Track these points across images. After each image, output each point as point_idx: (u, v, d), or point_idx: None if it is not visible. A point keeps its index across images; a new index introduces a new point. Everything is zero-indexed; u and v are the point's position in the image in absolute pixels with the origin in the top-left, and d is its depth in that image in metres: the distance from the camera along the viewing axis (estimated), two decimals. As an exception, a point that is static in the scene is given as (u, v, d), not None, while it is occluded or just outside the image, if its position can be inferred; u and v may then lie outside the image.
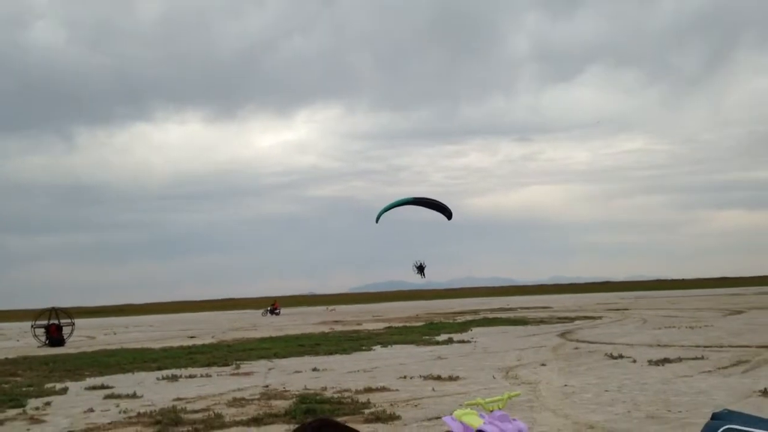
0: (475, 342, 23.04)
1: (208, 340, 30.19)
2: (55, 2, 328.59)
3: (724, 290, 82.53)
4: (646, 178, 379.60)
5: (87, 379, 16.88)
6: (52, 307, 36.23)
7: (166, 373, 17.31)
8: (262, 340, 27.90)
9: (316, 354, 21.01)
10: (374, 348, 22.46)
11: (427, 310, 59.36)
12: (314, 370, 16.81)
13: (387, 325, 36.45)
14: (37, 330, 33.96)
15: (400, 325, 35.81)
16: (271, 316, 61.69)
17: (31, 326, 35.52)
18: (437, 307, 65.33)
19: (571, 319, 33.97)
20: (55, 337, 32.53)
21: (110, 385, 15.25)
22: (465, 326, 31.88)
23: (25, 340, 37.92)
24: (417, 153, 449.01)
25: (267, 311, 64.62)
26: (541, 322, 33.21)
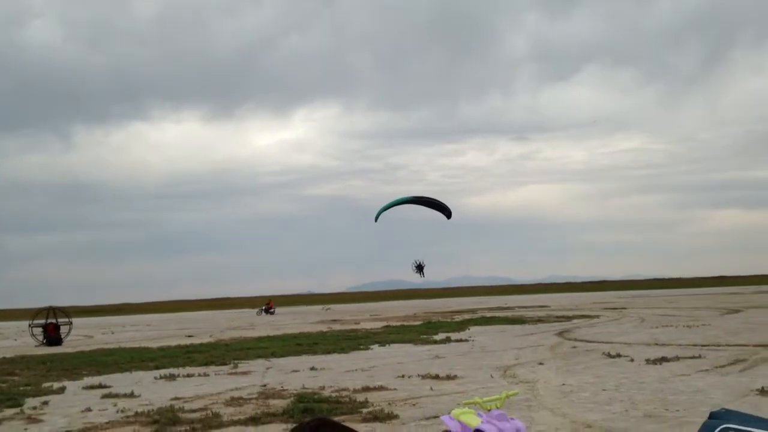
0: (473, 341, 23.05)
1: (205, 340, 30.18)
2: (53, 1, 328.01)
3: (722, 289, 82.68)
4: (643, 177, 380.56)
5: (84, 379, 16.87)
6: (50, 306, 36.20)
7: (163, 372, 17.31)
8: (260, 339, 27.89)
9: (314, 353, 21.01)
10: (372, 347, 22.46)
11: (425, 309, 59.40)
12: (312, 369, 16.81)
13: (385, 324, 36.47)
14: (35, 329, 33.91)
15: (398, 324, 35.82)
16: (266, 315, 61.61)
17: (29, 325, 35.47)
18: (435, 306, 65.39)
19: (569, 318, 34.01)
20: (52, 337, 32.49)
21: (108, 385, 15.23)
22: (463, 325, 31.90)
23: (22, 339, 37.89)
24: (415, 152, 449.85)
25: (262, 310, 64.56)
26: (539, 321, 33.23)
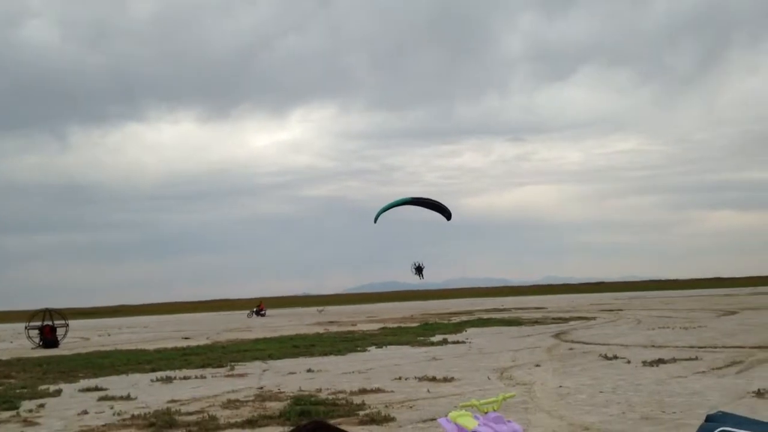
0: (470, 343, 23.06)
1: (202, 341, 30.14)
2: (51, 1, 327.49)
3: (718, 291, 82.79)
4: (639, 178, 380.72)
5: (81, 381, 16.83)
6: (46, 309, 36.11)
7: (160, 374, 17.27)
8: (257, 341, 27.85)
9: (311, 355, 20.99)
10: (369, 349, 22.46)
11: (422, 310, 59.40)
12: (309, 371, 16.80)
13: (382, 325, 36.46)
14: (31, 331, 33.84)
15: (395, 325, 35.81)
16: (257, 317, 61.26)
17: (25, 327, 35.38)
18: (432, 308, 65.37)
19: (566, 320, 34.03)
20: (49, 339, 32.43)
21: (104, 387, 15.20)
22: (459, 327, 31.90)
23: (18, 342, 37.80)
24: (411, 153, 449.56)
25: (252, 312, 64.20)
26: (536, 322, 33.25)
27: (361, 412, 10.86)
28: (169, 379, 16.27)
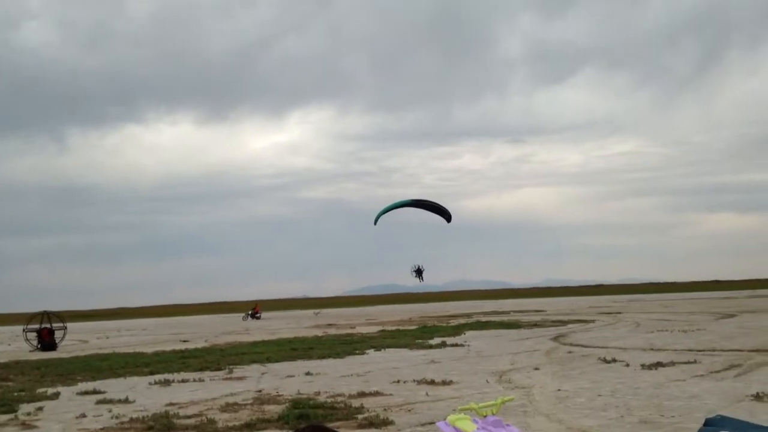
0: (469, 346, 23.05)
1: (200, 344, 30.09)
2: (49, 3, 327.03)
3: (716, 293, 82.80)
4: (638, 180, 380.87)
5: (79, 384, 16.81)
6: (44, 311, 36.02)
7: (158, 377, 17.26)
8: (255, 344, 27.82)
9: (309, 358, 20.98)
10: (367, 352, 22.44)
11: (421, 313, 59.34)
12: (307, 374, 16.79)
13: (380, 328, 36.44)
14: (29, 334, 33.75)
15: (394, 328, 35.79)
16: (252, 319, 61.01)
17: (23, 330, 35.29)
18: (430, 310, 65.32)
19: (564, 323, 34.03)
20: (47, 341, 32.35)
21: (102, 390, 15.18)
22: (458, 330, 31.89)
23: (16, 344, 37.72)
24: (409, 155, 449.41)
25: (248, 315, 63.91)
26: (535, 325, 33.24)
27: (360, 416, 10.86)
28: (167, 382, 16.25)
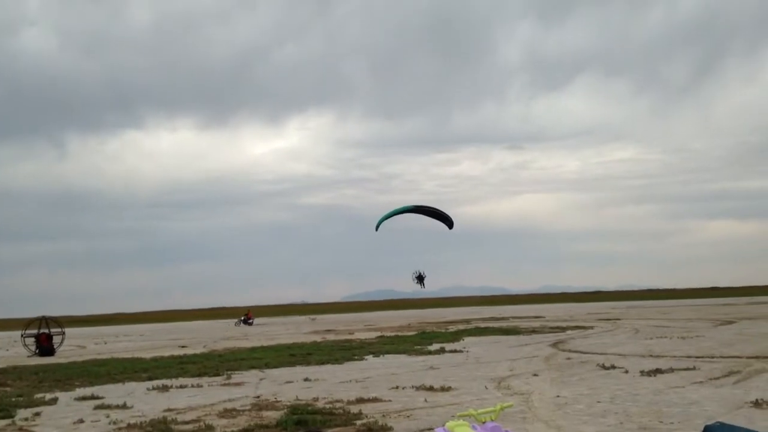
0: (467, 352, 23.03)
1: (199, 350, 30.06)
2: (48, 10, 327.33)
3: (715, 300, 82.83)
4: (637, 187, 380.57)
5: (77, 390, 16.76)
6: (42, 316, 35.99)
7: (156, 383, 17.22)
8: (253, 350, 27.78)
9: (308, 364, 20.95)
10: (366, 358, 22.41)
11: (419, 319, 59.33)
12: (306, 380, 16.76)
13: (379, 334, 36.41)
14: (27, 339, 33.72)
15: (392, 334, 35.76)
16: (245, 325, 60.77)
17: (21, 335, 35.27)
18: (429, 316, 65.29)
19: (563, 329, 34.01)
20: (45, 347, 32.29)
21: (100, 396, 15.15)
22: (457, 336, 31.87)
23: (14, 350, 37.67)
24: (409, 161, 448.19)
25: (240, 321, 63.68)
26: (533, 331, 33.23)
27: (358, 422, 10.84)
28: (165, 388, 16.22)
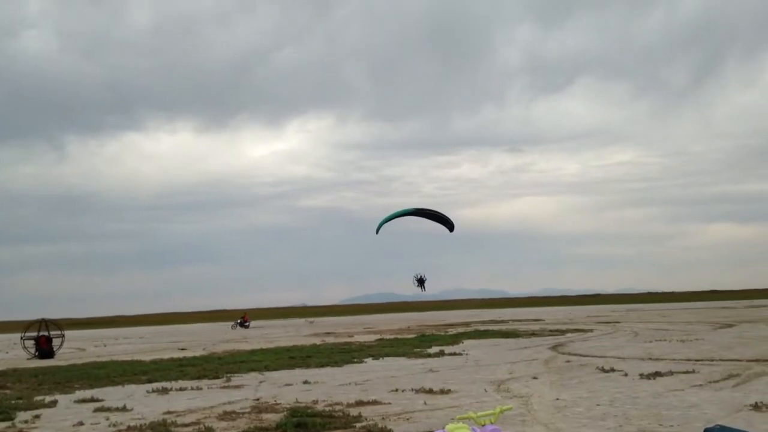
0: (467, 355, 23.03)
1: (198, 352, 30.04)
2: (48, 12, 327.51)
3: (715, 303, 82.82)
4: (637, 190, 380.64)
5: (77, 392, 16.76)
6: (42, 319, 35.99)
7: (156, 385, 17.22)
8: (253, 353, 27.77)
9: (308, 366, 20.95)
10: (366, 360, 22.41)
11: (419, 322, 59.31)
12: (305, 382, 16.76)
13: (378, 337, 36.40)
14: (27, 342, 33.71)
15: (392, 337, 35.75)
16: (241, 328, 60.65)
17: (21, 338, 35.26)
18: (428, 319, 65.26)
19: (563, 332, 34.01)
20: (44, 349, 32.29)
21: (100, 398, 15.15)
22: (456, 338, 31.85)
23: (14, 352, 37.66)
24: (409, 163, 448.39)
25: (236, 324, 63.55)
26: (533, 334, 33.22)
27: (358, 424, 10.84)
28: (165, 390, 16.21)
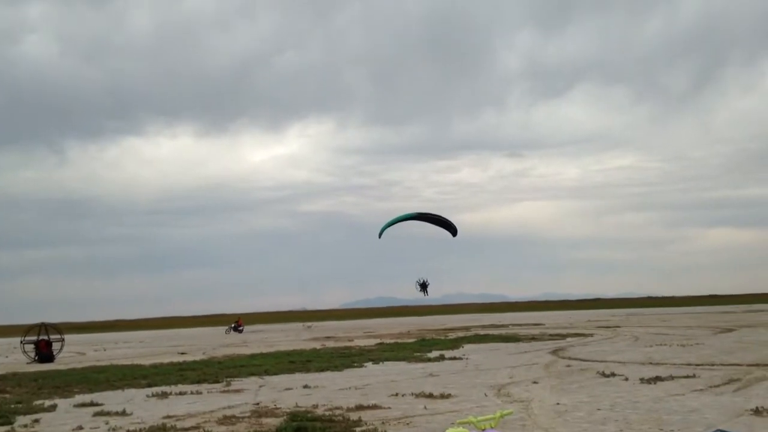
0: (467, 359, 23.01)
1: (198, 357, 30.02)
2: (49, 16, 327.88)
3: (715, 308, 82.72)
4: (636, 195, 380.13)
5: (76, 396, 16.75)
6: (42, 323, 35.94)
7: (156, 390, 17.21)
8: (253, 357, 27.75)
9: (308, 371, 20.93)
10: (366, 365, 22.39)
11: (419, 326, 59.23)
12: (305, 387, 16.74)
13: (378, 341, 36.38)
14: (27, 346, 33.66)
15: (392, 341, 35.73)
16: (235, 332, 60.49)
17: (21, 342, 35.20)
18: (428, 323, 65.19)
19: (563, 336, 33.98)
20: (44, 353, 32.26)
21: (99, 403, 15.14)
22: (456, 343, 31.83)
23: (14, 356, 37.62)
24: (409, 168, 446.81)
25: (230, 328, 63.37)
26: (533, 339, 33.20)
27: (358, 429, 10.83)
28: (164, 395, 16.20)
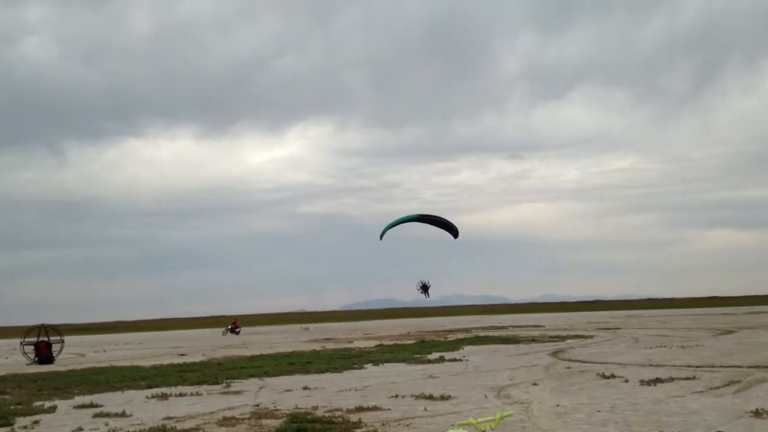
0: (467, 361, 23.00)
1: (198, 358, 30.01)
2: (48, 19, 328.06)
3: (715, 309, 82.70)
4: (636, 196, 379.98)
5: (76, 398, 16.74)
6: (42, 324, 35.94)
7: (155, 391, 17.20)
8: (253, 358, 27.75)
9: (307, 372, 20.93)
10: (366, 366, 22.39)
11: (418, 327, 59.23)
12: (305, 388, 16.73)
13: (378, 342, 36.37)
14: (26, 347, 33.66)
15: (392, 343, 35.72)
16: (232, 334, 60.47)
17: (20, 343, 35.20)
18: (428, 325, 65.18)
19: (563, 338, 33.98)
20: (44, 355, 32.25)
21: (99, 404, 15.13)
22: (456, 344, 31.82)
23: (13, 358, 37.61)
24: (409, 170, 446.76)
25: (227, 330, 63.38)
26: (533, 340, 33.19)
27: (358, 430, 10.83)
28: (164, 396, 16.19)
